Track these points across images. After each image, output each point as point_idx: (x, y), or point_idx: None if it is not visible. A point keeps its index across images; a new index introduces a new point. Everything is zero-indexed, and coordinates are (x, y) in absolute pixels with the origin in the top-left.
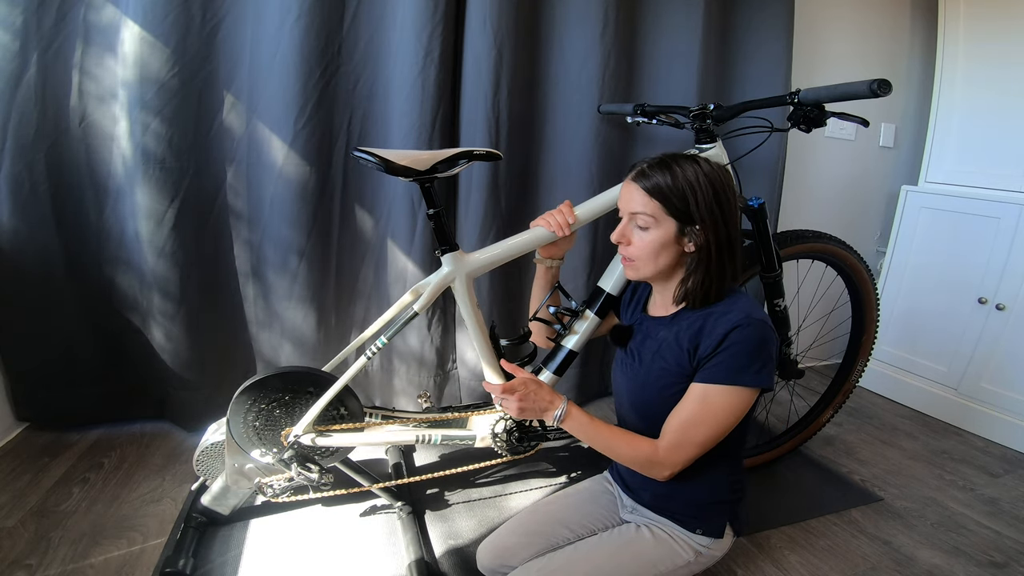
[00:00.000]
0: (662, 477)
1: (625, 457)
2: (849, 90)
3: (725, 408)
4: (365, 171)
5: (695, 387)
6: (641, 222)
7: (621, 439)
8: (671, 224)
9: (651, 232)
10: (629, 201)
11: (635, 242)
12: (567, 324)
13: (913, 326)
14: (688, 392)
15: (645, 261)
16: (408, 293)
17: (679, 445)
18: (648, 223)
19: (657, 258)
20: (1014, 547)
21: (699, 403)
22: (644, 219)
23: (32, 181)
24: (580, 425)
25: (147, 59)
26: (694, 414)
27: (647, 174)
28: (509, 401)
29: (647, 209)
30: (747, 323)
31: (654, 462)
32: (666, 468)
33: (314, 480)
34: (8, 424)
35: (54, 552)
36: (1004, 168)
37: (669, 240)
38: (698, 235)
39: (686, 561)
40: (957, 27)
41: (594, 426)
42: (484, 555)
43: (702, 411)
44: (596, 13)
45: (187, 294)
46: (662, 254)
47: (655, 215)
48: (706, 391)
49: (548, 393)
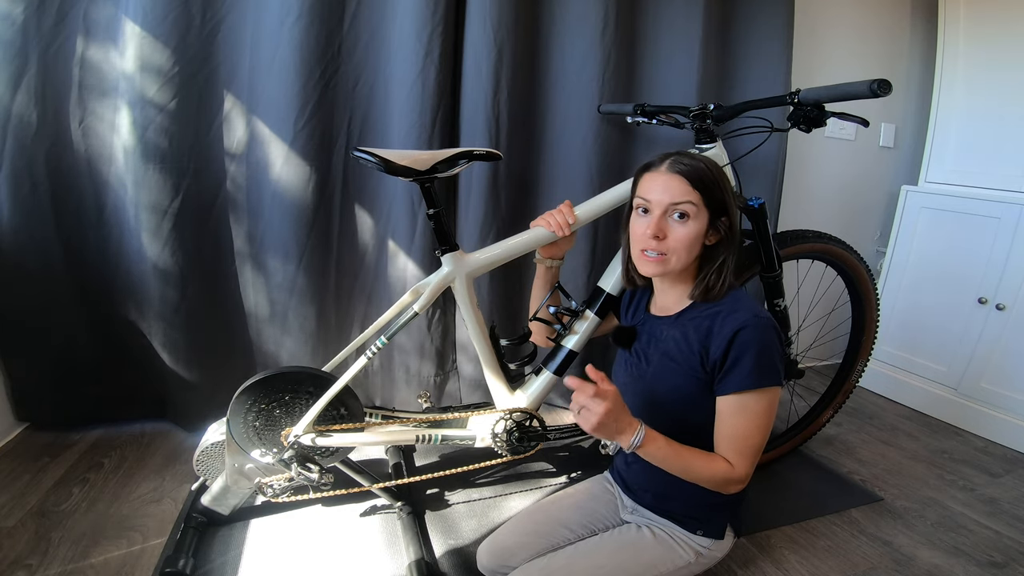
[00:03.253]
0: (735, 491)
1: (703, 478)
2: (849, 90)
3: (766, 410)
4: (365, 171)
5: (729, 400)
6: (683, 210)
7: (700, 460)
8: (706, 216)
9: (691, 223)
10: (667, 191)
11: (672, 234)
12: (567, 324)
13: (913, 326)
14: (722, 409)
15: (680, 254)
16: (408, 293)
17: (744, 456)
18: (690, 211)
19: (691, 251)
20: (1014, 547)
21: (742, 414)
22: (688, 208)
23: (32, 181)
24: (659, 449)
25: (147, 59)
26: (742, 426)
27: (685, 163)
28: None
29: (691, 197)
30: (755, 323)
31: (731, 478)
32: (740, 482)
33: (314, 480)
34: (8, 424)
35: (54, 552)
36: (1004, 168)
37: (703, 232)
38: (723, 226)
39: (686, 562)
40: (957, 27)
41: (673, 449)
42: (484, 555)
43: (748, 420)
44: (596, 13)
45: (187, 293)
46: (695, 247)
47: (697, 204)
48: (742, 401)
49: (627, 414)
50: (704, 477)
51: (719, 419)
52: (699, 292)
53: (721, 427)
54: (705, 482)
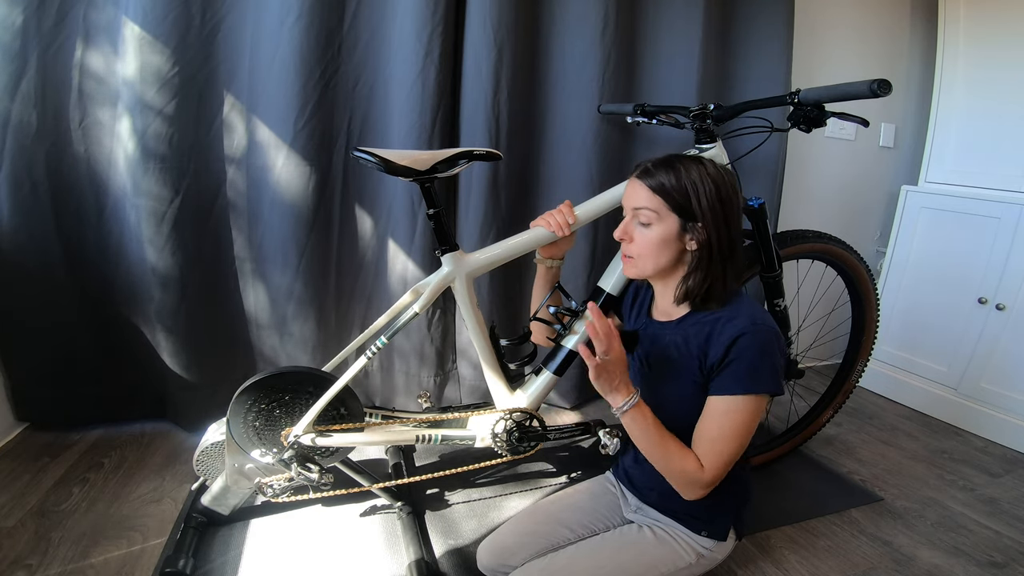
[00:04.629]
0: (696, 496)
1: (672, 468)
2: (849, 90)
3: (748, 418)
4: (365, 171)
5: (715, 402)
6: (643, 218)
7: (676, 449)
8: (673, 220)
9: (653, 228)
10: (632, 197)
11: (637, 239)
12: (567, 324)
13: (913, 326)
14: (709, 408)
15: (646, 258)
16: (408, 293)
17: (716, 462)
18: (650, 218)
19: (658, 255)
20: (1014, 547)
21: (723, 417)
22: (646, 214)
23: (32, 181)
24: (644, 421)
25: (147, 59)
26: (721, 430)
27: (651, 171)
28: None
29: (650, 204)
30: (754, 329)
31: (698, 480)
32: (704, 487)
33: (314, 480)
34: (8, 424)
35: (54, 552)
36: (1004, 168)
37: (671, 237)
38: (700, 232)
39: (687, 563)
40: (957, 27)
41: (657, 428)
42: (484, 555)
43: (728, 425)
44: (596, 13)
45: (187, 294)
46: (663, 251)
47: (657, 210)
48: (727, 404)
49: (626, 376)
50: (674, 467)
51: (704, 418)
52: (680, 295)
53: (703, 426)
54: (674, 474)
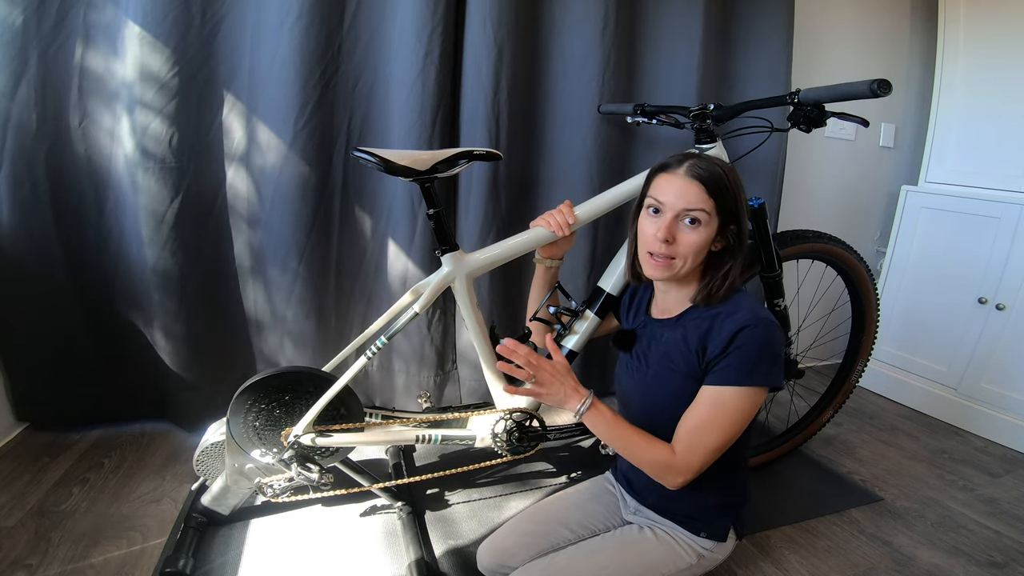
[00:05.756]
0: (675, 485)
1: (642, 460)
2: (849, 90)
3: (738, 410)
4: (365, 171)
5: (706, 390)
6: (696, 217)
7: (640, 441)
8: (716, 223)
9: (702, 229)
10: (683, 196)
11: (681, 239)
12: (567, 324)
13: (913, 326)
14: (699, 396)
15: (687, 260)
16: (408, 293)
17: (693, 451)
18: (702, 218)
19: (697, 257)
20: (1014, 547)
21: (712, 407)
22: (701, 215)
23: (32, 181)
24: (603, 420)
25: (147, 59)
26: (707, 418)
27: (703, 168)
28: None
29: (705, 205)
30: (755, 323)
31: (670, 467)
32: (680, 475)
33: (314, 480)
34: (8, 424)
35: (54, 552)
36: (1004, 168)
37: (712, 239)
38: (732, 235)
39: (688, 564)
40: (957, 27)
41: (617, 424)
42: (484, 555)
43: (715, 414)
44: (596, 13)
45: (187, 294)
46: (702, 253)
47: (710, 212)
48: (718, 394)
49: (574, 382)
50: (643, 458)
51: (692, 407)
52: (702, 297)
53: (689, 415)
54: (644, 464)
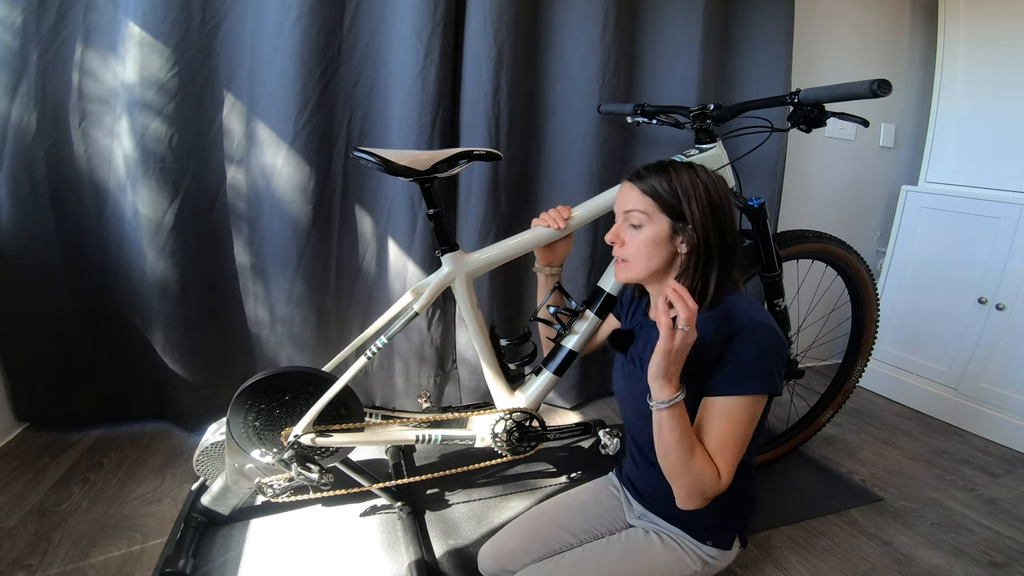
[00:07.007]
0: (697, 506)
1: (693, 474)
2: (849, 90)
3: (749, 419)
4: (365, 171)
5: (713, 403)
6: (634, 219)
7: (702, 456)
8: (664, 222)
9: (644, 230)
10: (623, 200)
11: (628, 241)
12: (567, 324)
13: (913, 326)
14: (710, 411)
15: (637, 260)
16: (408, 293)
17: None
18: (641, 220)
19: (650, 258)
20: (1014, 547)
21: (723, 420)
22: (637, 216)
23: (32, 181)
24: (683, 421)
25: (147, 59)
26: (728, 433)
27: (642, 175)
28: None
29: (640, 206)
30: (750, 328)
31: (711, 488)
32: (711, 498)
33: (314, 480)
34: (8, 424)
35: (54, 552)
36: (1004, 168)
37: (662, 238)
38: (691, 235)
39: (693, 571)
40: (957, 27)
41: (689, 431)
42: (485, 558)
43: (730, 427)
44: (596, 13)
45: (187, 294)
46: (655, 253)
47: (648, 212)
48: (726, 406)
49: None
50: (695, 474)
51: (707, 421)
52: None
53: (710, 431)
54: (693, 480)
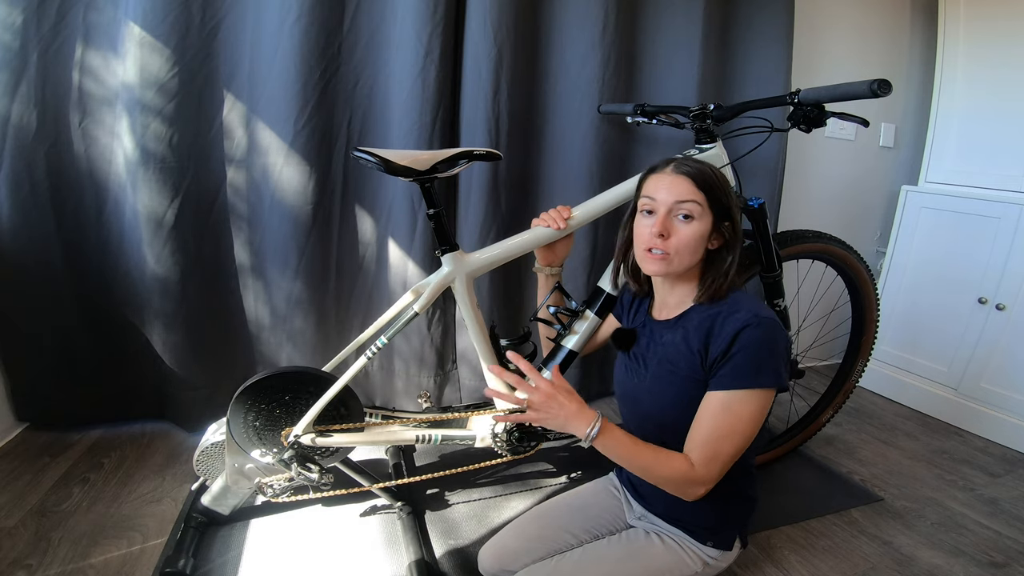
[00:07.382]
0: (695, 497)
1: (661, 478)
2: (849, 90)
3: (751, 414)
4: (365, 171)
5: (715, 396)
6: (689, 210)
7: (657, 458)
8: (710, 218)
9: (695, 223)
10: (673, 190)
11: (675, 234)
12: (567, 324)
13: (913, 326)
14: (707, 402)
15: (683, 255)
16: (408, 293)
17: (711, 460)
18: (694, 211)
19: (695, 252)
20: (1014, 547)
21: (723, 413)
22: (692, 207)
23: (32, 181)
24: (617, 444)
25: (147, 59)
26: (721, 425)
27: (690, 165)
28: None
29: (695, 198)
30: (756, 322)
31: (690, 480)
32: (700, 486)
33: (314, 480)
34: (8, 424)
35: (54, 552)
36: (1004, 168)
37: (707, 234)
38: (727, 231)
39: (694, 572)
40: (957, 27)
41: (634, 446)
42: (486, 559)
43: (728, 421)
44: (596, 13)
45: (187, 294)
46: (699, 248)
47: (702, 204)
48: (728, 399)
49: (578, 405)
50: (663, 476)
51: (701, 414)
52: (705, 295)
53: (700, 424)
54: (664, 482)
